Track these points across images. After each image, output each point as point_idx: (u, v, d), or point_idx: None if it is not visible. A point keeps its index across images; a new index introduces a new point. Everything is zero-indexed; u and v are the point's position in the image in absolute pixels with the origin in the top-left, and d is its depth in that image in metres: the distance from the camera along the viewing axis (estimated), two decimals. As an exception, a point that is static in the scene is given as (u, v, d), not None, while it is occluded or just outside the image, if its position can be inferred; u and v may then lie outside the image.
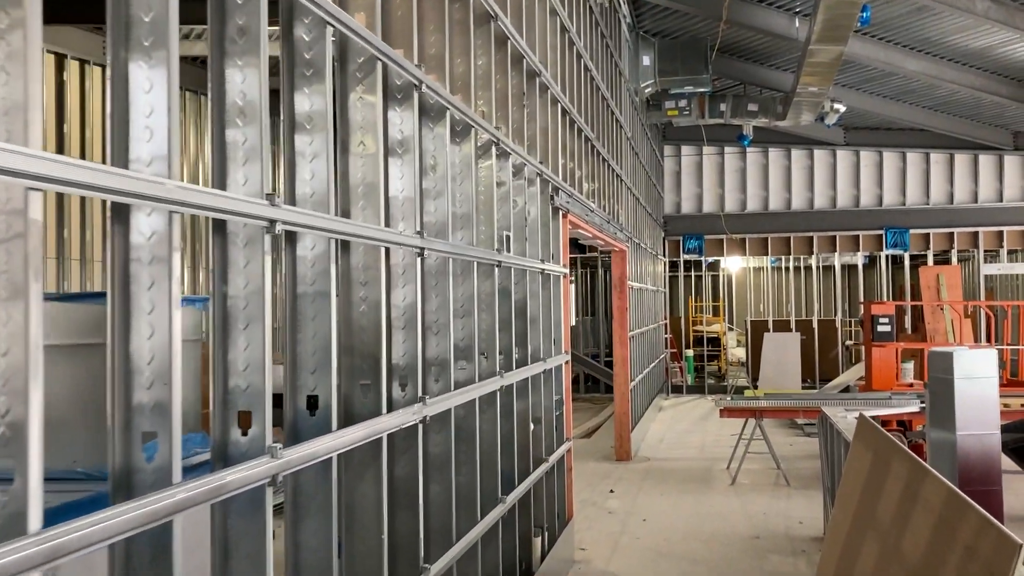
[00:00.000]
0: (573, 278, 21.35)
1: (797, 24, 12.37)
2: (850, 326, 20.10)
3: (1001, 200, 17.03)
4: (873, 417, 6.60)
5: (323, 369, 2.99)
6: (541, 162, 6.30)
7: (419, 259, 3.84)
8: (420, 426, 3.75)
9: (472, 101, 4.72)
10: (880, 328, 11.23)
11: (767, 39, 13.31)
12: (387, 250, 3.56)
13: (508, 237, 5.41)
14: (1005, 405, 8.67)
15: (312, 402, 2.99)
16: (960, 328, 16.12)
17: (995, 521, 2.89)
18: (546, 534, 6.33)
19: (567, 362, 7.19)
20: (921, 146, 17.32)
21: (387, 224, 3.64)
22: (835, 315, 19.44)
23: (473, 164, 4.67)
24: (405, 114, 3.79)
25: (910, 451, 3.96)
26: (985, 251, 17.44)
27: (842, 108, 14.11)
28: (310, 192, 3.00)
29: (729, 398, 10.41)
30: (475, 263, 4.67)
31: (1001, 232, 17.13)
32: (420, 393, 3.82)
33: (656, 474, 10.63)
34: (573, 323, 21.28)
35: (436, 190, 4.18)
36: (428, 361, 4.10)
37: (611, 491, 9.68)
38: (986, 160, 17.11)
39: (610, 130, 10.39)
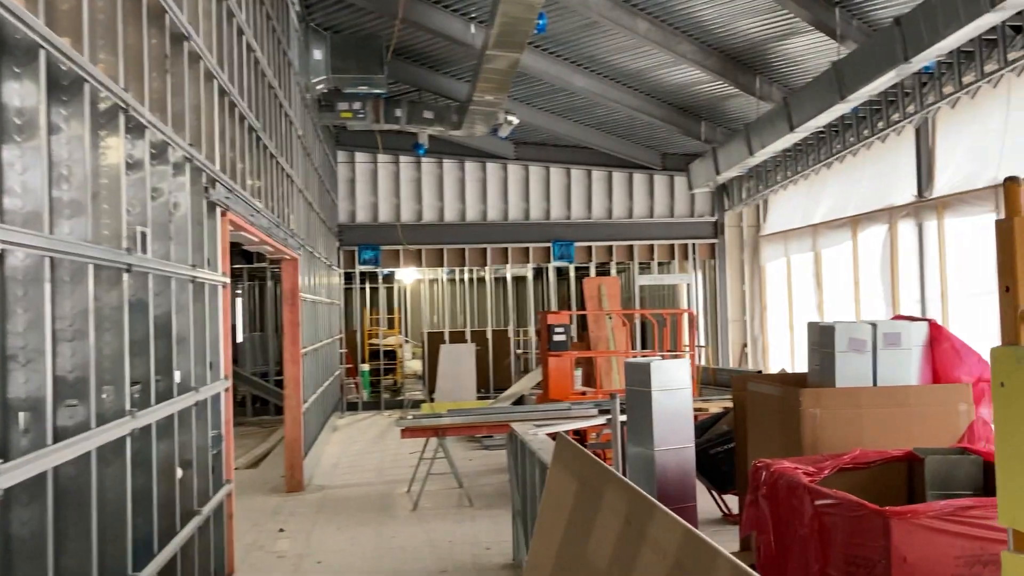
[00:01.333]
0: (239, 290, 19.67)
1: (473, 30, 12.15)
2: (521, 336, 20.56)
3: (652, 216, 18.28)
4: (567, 433, 6.28)
5: None
6: (192, 145, 5.16)
7: (-8, 258, 2.65)
8: (-8, 502, 2.56)
9: (87, 50, 3.54)
10: (556, 338, 11.25)
11: (444, 44, 12.97)
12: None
13: (144, 235, 4.24)
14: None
15: None
16: (618, 336, 17.00)
17: (752, 572, 2.42)
18: (200, 601, 5.17)
19: (228, 389, 6.05)
20: (584, 163, 18.10)
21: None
22: (508, 325, 19.76)
23: (88, 134, 3.49)
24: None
25: (629, 481, 3.48)
26: (639, 263, 18.62)
27: (515, 120, 14.19)
28: None
29: (410, 416, 9.76)
30: (91, 266, 3.49)
31: (652, 246, 18.39)
32: (-7, 453, 2.62)
33: (332, 505, 9.69)
34: (240, 339, 19.59)
35: (24, 162, 2.97)
36: (10, 405, 2.88)
37: (281, 530, 8.58)
38: (640, 178, 18.29)
39: (279, 124, 9.32)
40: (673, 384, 4.77)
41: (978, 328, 10.38)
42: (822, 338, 5.24)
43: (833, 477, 4.52)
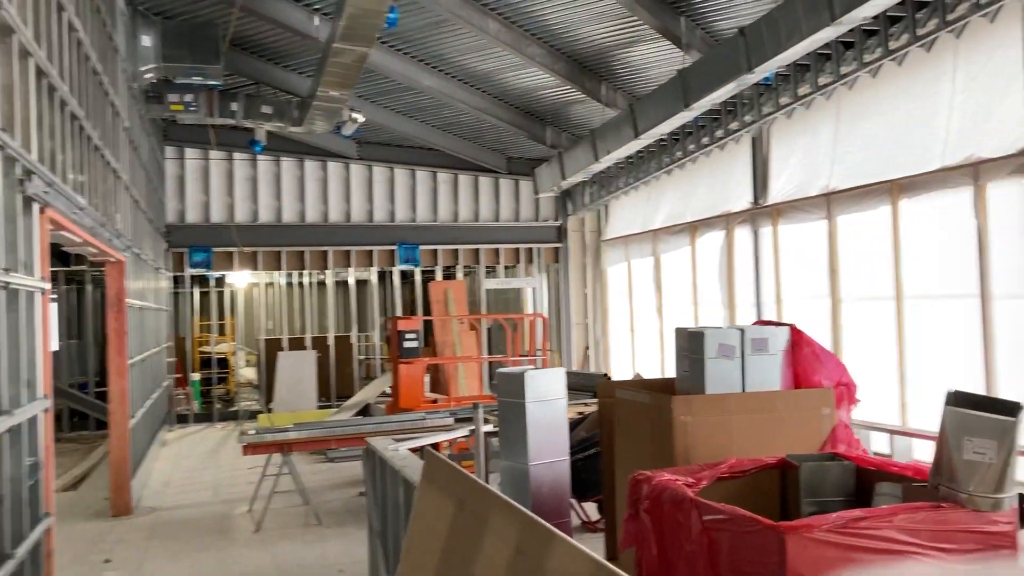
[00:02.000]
0: (55, 295, 18.05)
1: (317, 22, 11.60)
2: (364, 342, 20.00)
3: (498, 220, 18.21)
4: (432, 446, 5.95)
5: None
6: (4, 131, 4.48)
7: None
8: None
9: None
10: (407, 344, 10.89)
11: (286, 36, 12.33)
12: None
13: (-54, 235, 3.59)
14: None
15: None
16: (466, 341, 16.81)
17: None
18: (14, 656, 4.49)
19: (47, 409, 5.34)
20: (430, 165, 17.80)
21: None
22: (350, 331, 19.16)
23: None
24: None
25: (520, 506, 3.22)
26: (486, 267, 18.51)
27: (361, 118, 13.70)
28: None
29: (252, 431, 9.13)
30: None
31: (498, 249, 18.31)
32: None
33: (165, 529, 8.91)
34: (55, 348, 18.00)
35: None
36: None
37: (107, 560, 7.77)
38: (486, 182, 18.18)
39: (104, 114, 8.47)
40: (548, 394, 4.57)
41: (810, 330, 10.85)
42: (692, 344, 5.19)
43: (711, 487, 4.45)
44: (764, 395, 5.18)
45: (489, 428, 6.52)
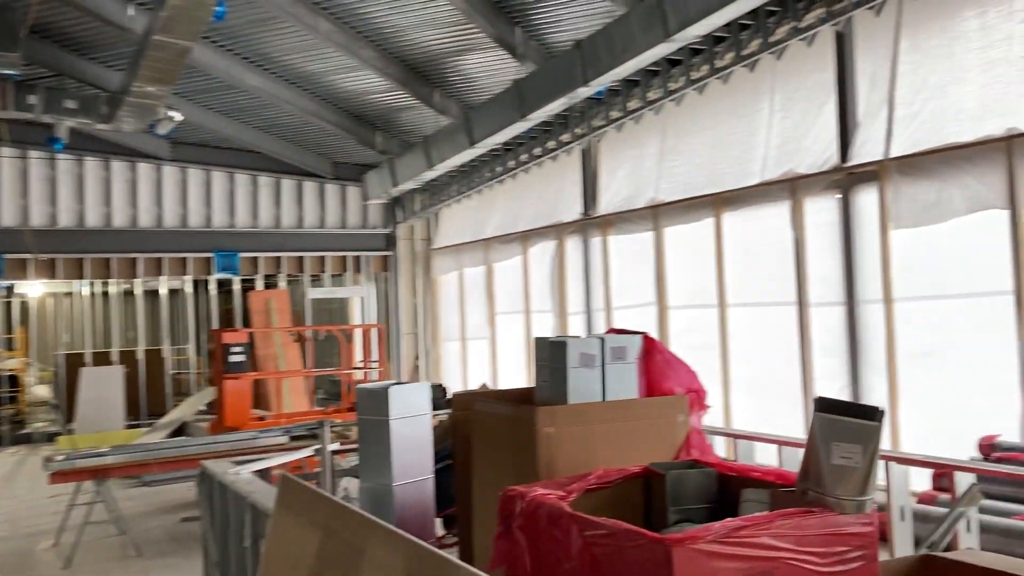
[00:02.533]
0: None
1: (132, 12, 10.75)
2: (178, 356, 18.81)
3: (323, 226, 17.63)
4: (280, 467, 5.56)
5: None
6: None
7: None
8: None
9: None
10: (233, 358, 10.25)
11: (95, 25, 11.35)
12: None
13: None
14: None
15: None
16: (289, 354, 16.17)
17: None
18: None
19: None
20: (251, 168, 16.97)
21: None
22: (162, 344, 17.96)
23: None
24: None
25: (403, 533, 2.99)
26: (311, 276, 17.86)
27: (179, 116, 12.82)
28: None
29: (62, 456, 8.26)
30: None
31: (324, 257, 17.73)
32: None
33: (-46, 571, 7.91)
34: None
35: None
36: None
37: None
38: (310, 187, 17.54)
39: None
40: (413, 410, 4.35)
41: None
42: (553, 354, 5.12)
43: (579, 500, 4.38)
44: (623, 403, 5.19)
45: (335, 446, 6.17)
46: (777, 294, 9.76)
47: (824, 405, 3.71)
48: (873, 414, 3.73)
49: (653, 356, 5.68)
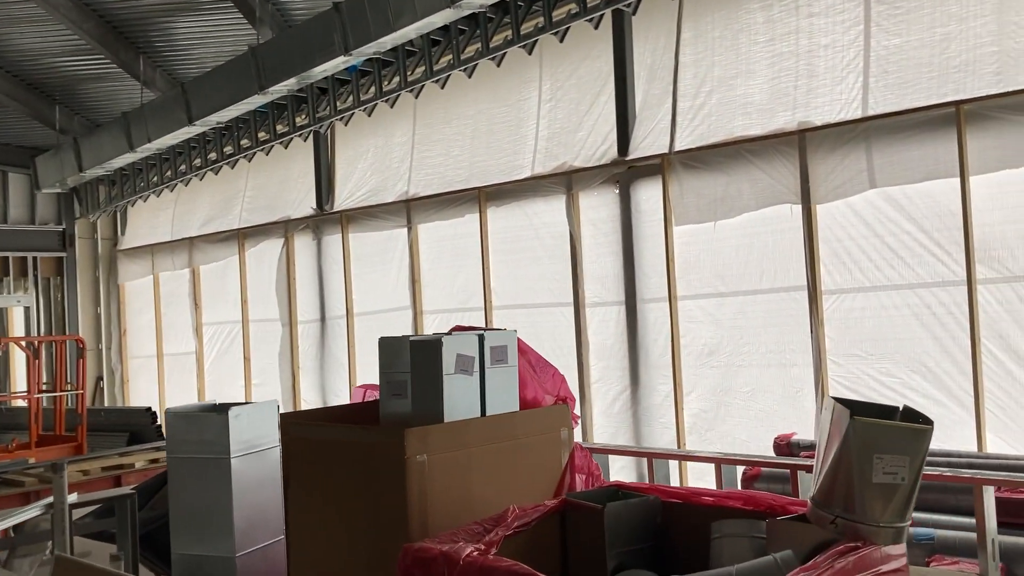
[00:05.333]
0: None
1: None
2: None
3: (6, 222, 14.32)
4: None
5: None
6: None
7: None
8: None
9: None
10: None
11: None
12: None
13: None
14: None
15: None
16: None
17: None
18: None
19: None
20: None
21: None
22: None
23: None
24: None
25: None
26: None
27: None
28: None
29: None
30: None
31: (7, 258, 14.34)
32: None
33: None
34: None
35: None
36: None
37: None
38: None
39: None
40: (260, 442, 2.91)
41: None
42: (420, 357, 3.92)
43: (502, 550, 3.28)
44: (504, 419, 4.13)
45: (73, 499, 4.28)
46: (551, 294, 9.16)
47: (857, 409, 2.90)
48: (916, 416, 3.03)
49: (519, 358, 4.65)
